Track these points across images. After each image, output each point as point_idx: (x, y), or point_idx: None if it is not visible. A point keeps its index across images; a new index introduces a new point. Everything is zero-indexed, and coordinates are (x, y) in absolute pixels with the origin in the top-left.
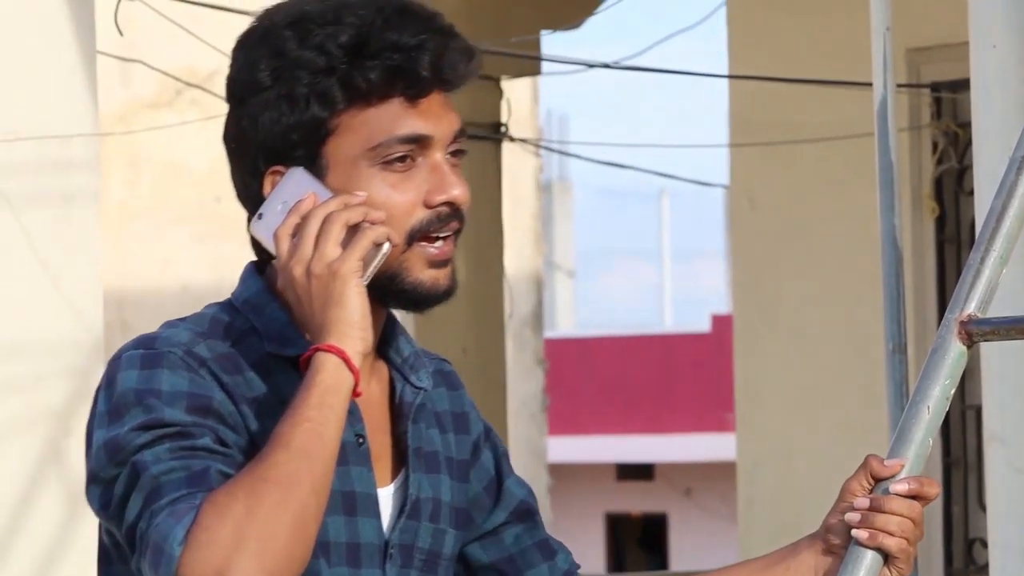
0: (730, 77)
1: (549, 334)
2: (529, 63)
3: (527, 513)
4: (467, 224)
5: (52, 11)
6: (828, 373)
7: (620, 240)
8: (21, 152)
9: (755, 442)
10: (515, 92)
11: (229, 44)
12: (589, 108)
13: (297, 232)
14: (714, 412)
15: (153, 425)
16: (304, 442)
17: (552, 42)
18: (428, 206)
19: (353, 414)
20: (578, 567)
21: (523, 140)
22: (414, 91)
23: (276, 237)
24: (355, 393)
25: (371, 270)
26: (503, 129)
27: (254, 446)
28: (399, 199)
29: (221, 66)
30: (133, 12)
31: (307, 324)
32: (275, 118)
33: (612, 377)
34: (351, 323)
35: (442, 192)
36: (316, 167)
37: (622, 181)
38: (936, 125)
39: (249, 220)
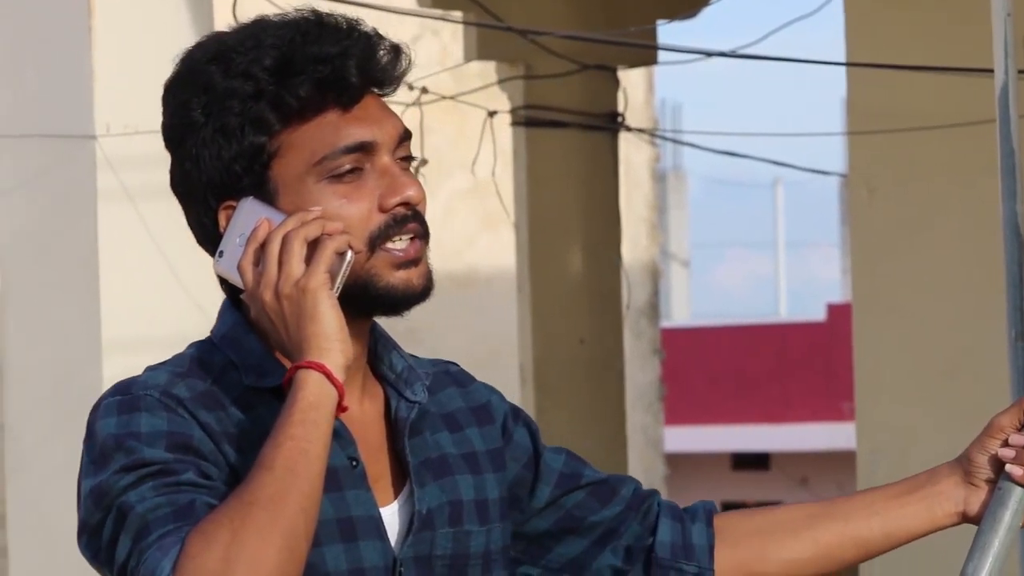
0: (847, 65)
1: (665, 324)
2: (645, 53)
3: (572, 476)
4: (585, 215)
5: (170, 4)
6: (949, 361)
7: (734, 230)
8: (139, 145)
9: (874, 431)
10: (630, 82)
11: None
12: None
13: (259, 259)
14: (830, 401)
15: (135, 466)
16: (288, 460)
17: (666, 32)
18: (383, 210)
19: (343, 438)
20: (651, 492)
21: (640, 130)
22: (346, 99)
23: (240, 269)
24: (341, 408)
25: (339, 281)
26: (619, 119)
27: (238, 482)
28: (353, 209)
29: None
30: (249, 6)
31: (284, 346)
32: (215, 153)
33: (727, 367)
34: (328, 336)
35: (395, 194)
36: (265, 192)
37: (736, 171)
38: None
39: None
